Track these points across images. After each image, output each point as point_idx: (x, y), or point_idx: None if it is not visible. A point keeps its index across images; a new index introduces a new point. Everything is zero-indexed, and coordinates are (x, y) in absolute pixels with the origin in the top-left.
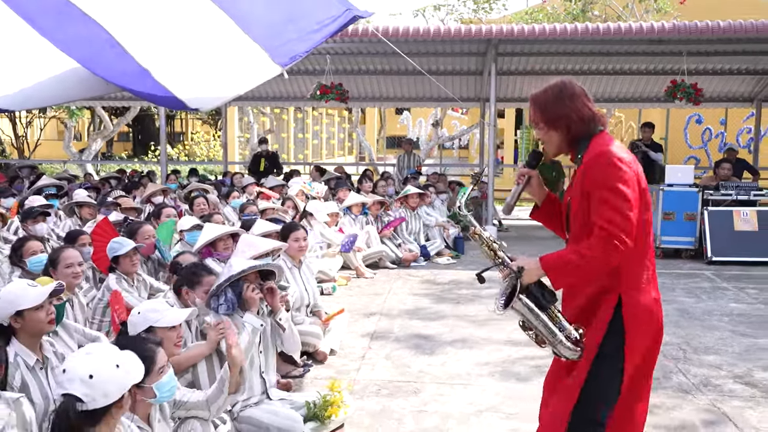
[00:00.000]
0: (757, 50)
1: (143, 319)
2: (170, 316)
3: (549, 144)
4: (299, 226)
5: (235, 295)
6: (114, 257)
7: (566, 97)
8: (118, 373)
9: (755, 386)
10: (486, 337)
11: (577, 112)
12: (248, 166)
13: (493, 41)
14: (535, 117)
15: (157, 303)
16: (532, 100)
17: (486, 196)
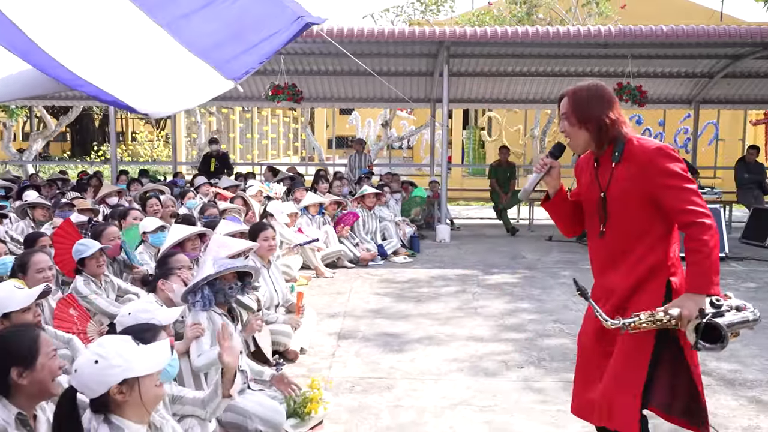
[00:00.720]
0: (696, 54)
1: (134, 320)
2: (162, 316)
3: (575, 139)
4: (267, 226)
5: (212, 292)
6: (80, 259)
7: (605, 101)
8: (97, 368)
9: (710, 375)
10: (450, 334)
11: (609, 116)
12: (198, 167)
13: (445, 43)
14: (568, 111)
15: (148, 303)
16: (571, 95)
17: (438, 196)
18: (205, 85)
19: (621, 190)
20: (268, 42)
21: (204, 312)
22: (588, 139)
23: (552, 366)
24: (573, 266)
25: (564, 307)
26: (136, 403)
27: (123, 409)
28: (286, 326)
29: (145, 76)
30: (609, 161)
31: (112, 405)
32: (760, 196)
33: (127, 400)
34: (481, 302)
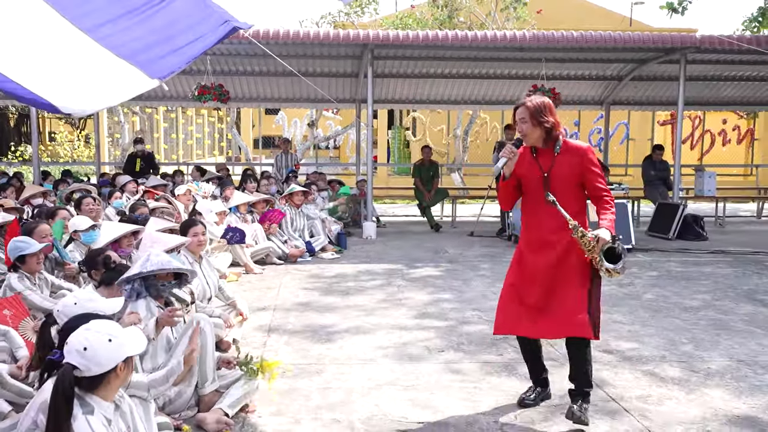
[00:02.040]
0: (606, 58)
1: (81, 308)
2: (105, 305)
3: (530, 135)
4: (197, 222)
5: (145, 286)
6: (20, 256)
7: (550, 110)
8: (111, 346)
9: (611, 353)
10: (376, 324)
11: (554, 121)
12: (122, 167)
13: (369, 45)
14: (527, 116)
15: (91, 293)
16: (529, 105)
17: (365, 194)
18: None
19: (563, 172)
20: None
21: (142, 301)
22: (539, 136)
23: (470, 349)
24: (492, 259)
25: (482, 297)
26: (121, 380)
27: (108, 388)
28: (219, 319)
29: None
30: (550, 152)
31: (103, 383)
32: (665, 192)
33: (119, 377)
34: (405, 294)
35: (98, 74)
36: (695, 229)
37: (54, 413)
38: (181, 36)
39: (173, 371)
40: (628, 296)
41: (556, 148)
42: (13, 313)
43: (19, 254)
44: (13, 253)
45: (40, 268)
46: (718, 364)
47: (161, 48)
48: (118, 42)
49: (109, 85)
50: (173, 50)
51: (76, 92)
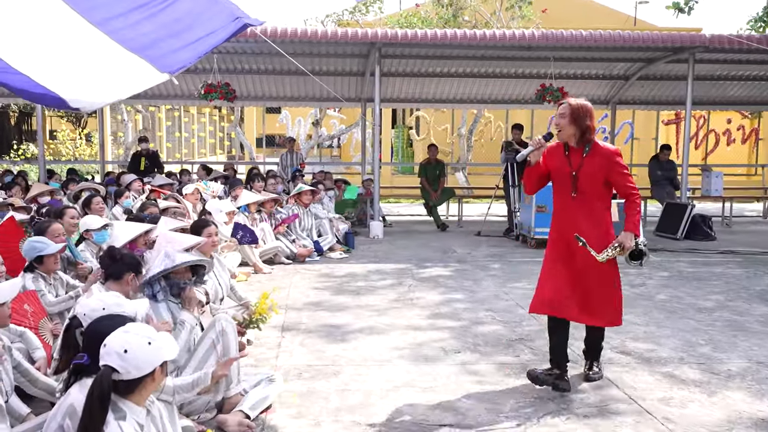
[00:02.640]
0: (613, 57)
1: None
2: (131, 308)
3: (564, 131)
4: (210, 222)
5: (168, 285)
6: (38, 257)
7: (590, 115)
8: (150, 349)
9: (629, 355)
10: (390, 324)
11: (589, 125)
12: (127, 166)
13: (377, 44)
14: (566, 112)
15: (116, 296)
16: (570, 103)
17: (371, 194)
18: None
19: (590, 172)
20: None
21: (162, 303)
22: (573, 133)
23: (486, 350)
24: (501, 259)
25: (495, 297)
26: (156, 384)
27: (143, 392)
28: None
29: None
30: (580, 153)
31: (139, 387)
32: (672, 191)
33: (155, 381)
34: (416, 294)
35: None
36: (703, 229)
37: (88, 417)
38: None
39: (199, 382)
40: (641, 297)
41: (586, 149)
42: (33, 310)
43: (37, 254)
44: (31, 254)
45: (58, 268)
46: (737, 366)
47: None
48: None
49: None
50: (184, 45)
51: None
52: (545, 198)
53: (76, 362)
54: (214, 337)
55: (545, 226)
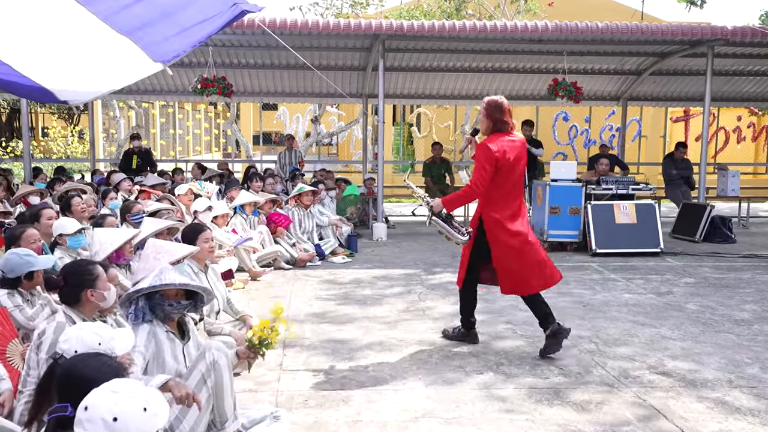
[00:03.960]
0: (626, 51)
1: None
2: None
3: (482, 125)
4: (205, 227)
5: (149, 306)
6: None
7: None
8: (145, 418)
9: (670, 376)
10: (401, 339)
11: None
12: (119, 164)
13: (381, 36)
14: (482, 109)
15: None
16: (485, 100)
17: (373, 193)
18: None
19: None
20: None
21: (146, 325)
22: (488, 127)
23: (511, 371)
24: None
25: (512, 307)
26: None
27: None
28: (230, 339)
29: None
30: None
31: None
32: (687, 191)
33: None
34: (427, 303)
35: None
36: (723, 231)
37: None
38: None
39: None
40: (669, 306)
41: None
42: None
43: (29, 270)
44: (20, 270)
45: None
46: None
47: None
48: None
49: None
50: (179, 31)
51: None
52: (559, 199)
53: (57, 414)
54: (204, 370)
55: (559, 229)
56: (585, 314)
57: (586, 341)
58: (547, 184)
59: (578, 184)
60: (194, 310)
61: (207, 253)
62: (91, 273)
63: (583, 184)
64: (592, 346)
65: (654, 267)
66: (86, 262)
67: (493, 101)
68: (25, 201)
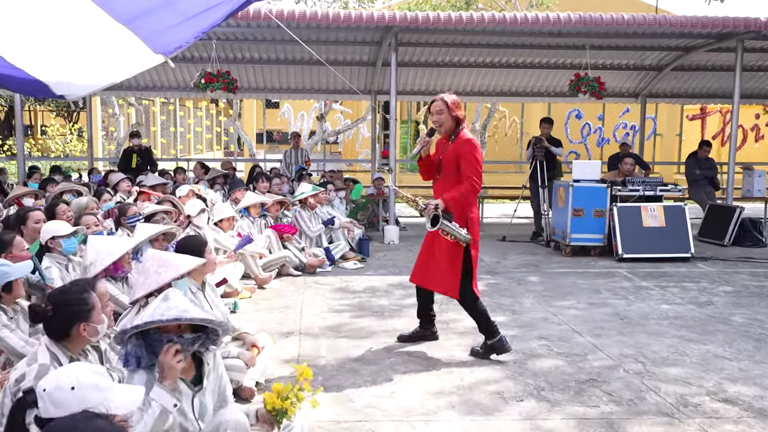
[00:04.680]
0: (647, 45)
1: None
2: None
3: (445, 125)
4: (204, 240)
5: (145, 347)
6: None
7: (460, 106)
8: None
9: (735, 404)
10: (427, 358)
11: (461, 116)
12: (118, 163)
13: (394, 29)
14: (443, 108)
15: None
16: (446, 101)
17: (383, 193)
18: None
19: (449, 157)
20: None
21: (143, 373)
22: (451, 125)
23: (555, 397)
24: (537, 270)
25: (543, 320)
26: None
27: None
28: (238, 360)
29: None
30: (447, 140)
31: None
32: (712, 192)
33: None
34: (450, 315)
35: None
36: (753, 234)
37: None
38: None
39: None
40: (714, 319)
41: (452, 137)
42: None
43: (6, 281)
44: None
45: (23, 293)
46: None
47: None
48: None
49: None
50: (181, 21)
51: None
52: (583, 200)
53: None
54: None
55: (583, 232)
56: (623, 328)
57: (631, 360)
58: (570, 185)
59: (603, 185)
60: (204, 346)
61: (211, 267)
62: (86, 303)
63: (608, 185)
64: (639, 366)
65: (687, 274)
66: (80, 288)
67: (455, 99)
68: (19, 203)
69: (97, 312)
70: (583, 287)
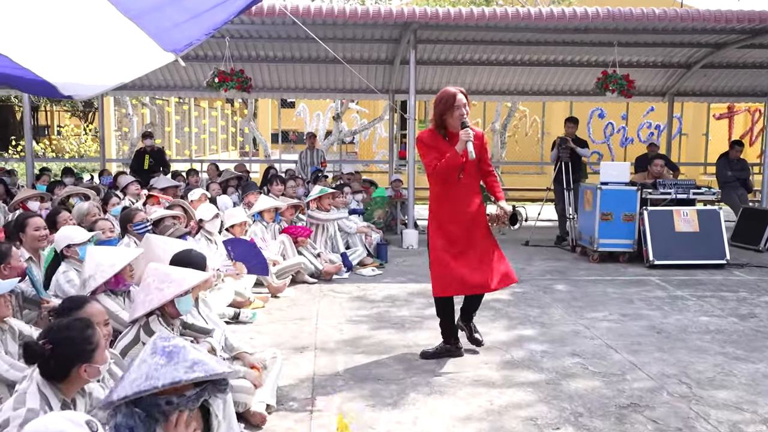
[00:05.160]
0: (677, 41)
1: None
2: None
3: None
4: (201, 256)
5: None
6: None
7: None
8: None
9: None
10: (452, 377)
11: None
12: (130, 164)
13: (413, 25)
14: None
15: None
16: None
17: (401, 195)
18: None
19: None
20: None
21: None
22: None
23: (594, 425)
24: (564, 278)
25: (575, 334)
26: None
27: None
28: (245, 381)
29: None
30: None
31: None
32: (744, 195)
33: None
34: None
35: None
36: None
37: None
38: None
39: None
40: (760, 334)
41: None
42: None
43: None
44: None
45: (8, 313)
46: None
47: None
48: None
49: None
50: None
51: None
52: (611, 204)
53: None
54: None
55: (612, 237)
56: (662, 343)
57: (674, 382)
58: (598, 188)
59: (633, 187)
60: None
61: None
62: (90, 341)
63: (638, 187)
64: (684, 388)
65: (723, 282)
66: (83, 325)
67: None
68: (24, 206)
69: (101, 350)
70: (614, 297)
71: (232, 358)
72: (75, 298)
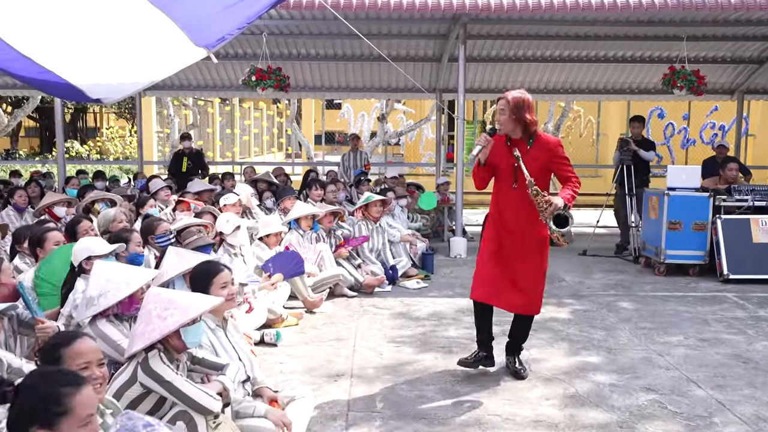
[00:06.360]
0: (749, 35)
1: None
2: None
3: (505, 127)
4: (221, 266)
5: None
6: None
7: (528, 107)
8: None
9: None
10: (507, 416)
11: (531, 118)
12: (168, 166)
13: (462, 19)
14: (507, 108)
15: None
16: (510, 99)
17: (449, 200)
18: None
19: (532, 163)
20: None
21: None
22: (513, 128)
23: None
24: (629, 293)
25: (647, 362)
26: None
27: None
28: (266, 422)
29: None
30: (524, 144)
31: None
32: None
33: None
34: (531, 353)
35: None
36: None
37: None
38: None
39: None
40: None
41: (530, 141)
42: None
43: None
44: None
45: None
46: None
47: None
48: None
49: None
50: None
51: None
52: (680, 212)
53: None
54: None
55: (681, 248)
56: (752, 377)
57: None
58: (665, 194)
59: (704, 194)
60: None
61: (228, 303)
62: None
63: (710, 194)
64: None
65: None
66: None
67: (520, 98)
68: (50, 212)
69: (73, 420)
70: (686, 317)
71: (253, 395)
72: (64, 334)
